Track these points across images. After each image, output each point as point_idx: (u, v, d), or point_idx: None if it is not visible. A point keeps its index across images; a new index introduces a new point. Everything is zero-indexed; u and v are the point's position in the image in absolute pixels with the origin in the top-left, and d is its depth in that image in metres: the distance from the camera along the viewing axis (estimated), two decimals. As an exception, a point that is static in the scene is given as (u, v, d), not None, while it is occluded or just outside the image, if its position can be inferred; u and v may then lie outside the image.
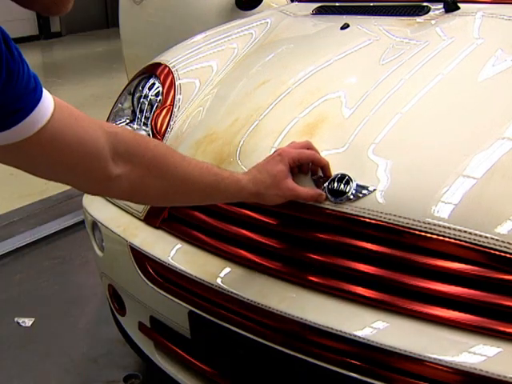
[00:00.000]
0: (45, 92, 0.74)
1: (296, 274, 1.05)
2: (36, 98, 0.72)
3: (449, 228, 0.92)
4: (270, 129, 1.22)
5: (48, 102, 0.74)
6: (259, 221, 1.11)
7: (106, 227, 1.36)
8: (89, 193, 0.94)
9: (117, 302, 1.49)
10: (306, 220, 1.06)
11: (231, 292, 1.08)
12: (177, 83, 1.50)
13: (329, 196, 1.03)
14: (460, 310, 0.90)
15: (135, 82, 1.57)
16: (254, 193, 1.02)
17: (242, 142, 1.21)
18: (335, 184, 1.03)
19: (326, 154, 1.09)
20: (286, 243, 1.08)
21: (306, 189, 1.05)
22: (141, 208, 1.31)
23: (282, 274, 1.06)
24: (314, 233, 1.04)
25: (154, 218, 1.28)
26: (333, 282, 1.00)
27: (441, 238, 0.93)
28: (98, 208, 1.44)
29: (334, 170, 1.06)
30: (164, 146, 0.99)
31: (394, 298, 0.95)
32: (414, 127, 1.11)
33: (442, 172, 1.00)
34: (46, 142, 0.74)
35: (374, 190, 1.00)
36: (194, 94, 1.49)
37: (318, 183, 1.06)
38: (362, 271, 0.98)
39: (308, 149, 1.08)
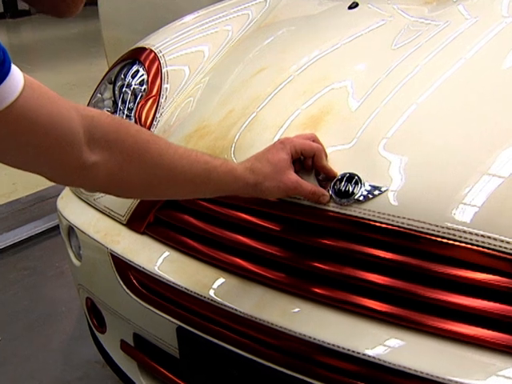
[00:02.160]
0: (14, 67, 0.74)
1: (299, 285, 1.05)
2: (3, 72, 0.72)
3: (471, 233, 0.93)
4: (268, 121, 1.23)
5: (18, 78, 0.75)
6: (257, 225, 1.11)
7: (84, 233, 1.36)
8: (62, 183, 0.94)
9: (96, 317, 1.49)
10: (309, 224, 1.06)
11: (225, 305, 1.09)
12: (163, 70, 1.50)
13: (334, 197, 1.03)
14: (486, 327, 0.90)
15: (117, 68, 1.57)
16: (251, 183, 1.02)
17: (237, 137, 1.22)
18: (342, 184, 1.04)
19: (331, 149, 1.09)
20: (288, 250, 1.08)
21: (309, 184, 1.05)
22: (123, 211, 1.31)
23: (283, 285, 1.07)
24: (318, 239, 1.05)
25: (138, 223, 1.28)
26: (340, 295, 1.01)
27: (462, 244, 0.93)
28: (74, 211, 1.44)
29: (341, 168, 1.06)
30: (147, 132, 0.98)
31: (409, 313, 0.95)
32: (431, 120, 1.12)
33: (462, 170, 1.00)
34: (13, 120, 0.75)
35: (386, 190, 1.01)
36: (183, 83, 1.49)
37: (322, 183, 1.06)
38: (373, 282, 0.99)
39: (313, 141, 1.09)
